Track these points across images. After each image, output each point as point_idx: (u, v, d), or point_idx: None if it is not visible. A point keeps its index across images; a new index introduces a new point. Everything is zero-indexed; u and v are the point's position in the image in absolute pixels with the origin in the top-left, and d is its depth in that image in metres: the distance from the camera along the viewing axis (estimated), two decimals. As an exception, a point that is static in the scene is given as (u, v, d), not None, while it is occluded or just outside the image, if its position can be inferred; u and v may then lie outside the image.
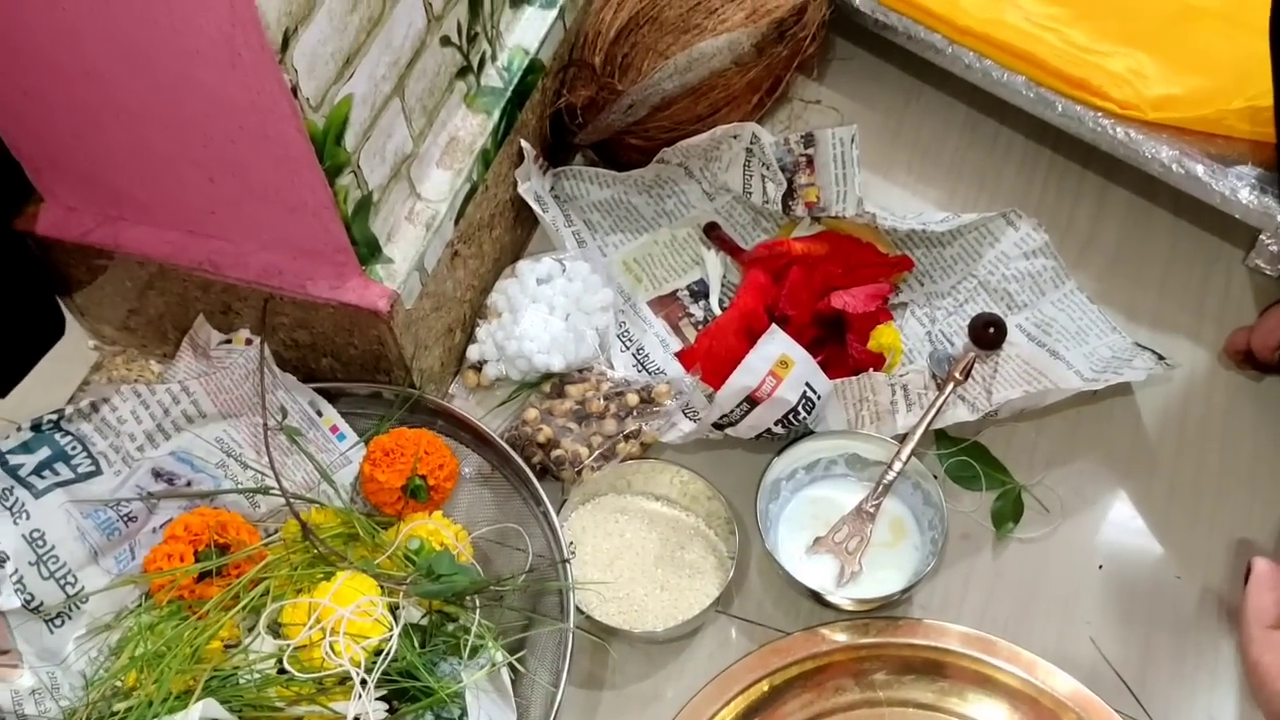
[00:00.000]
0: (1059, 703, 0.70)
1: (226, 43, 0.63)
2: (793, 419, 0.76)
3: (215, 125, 0.69)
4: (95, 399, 0.72)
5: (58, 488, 0.69)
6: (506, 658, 0.69)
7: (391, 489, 0.75)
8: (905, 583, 0.73)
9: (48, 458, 0.69)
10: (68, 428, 0.71)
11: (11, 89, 0.73)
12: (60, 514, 0.68)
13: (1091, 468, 0.82)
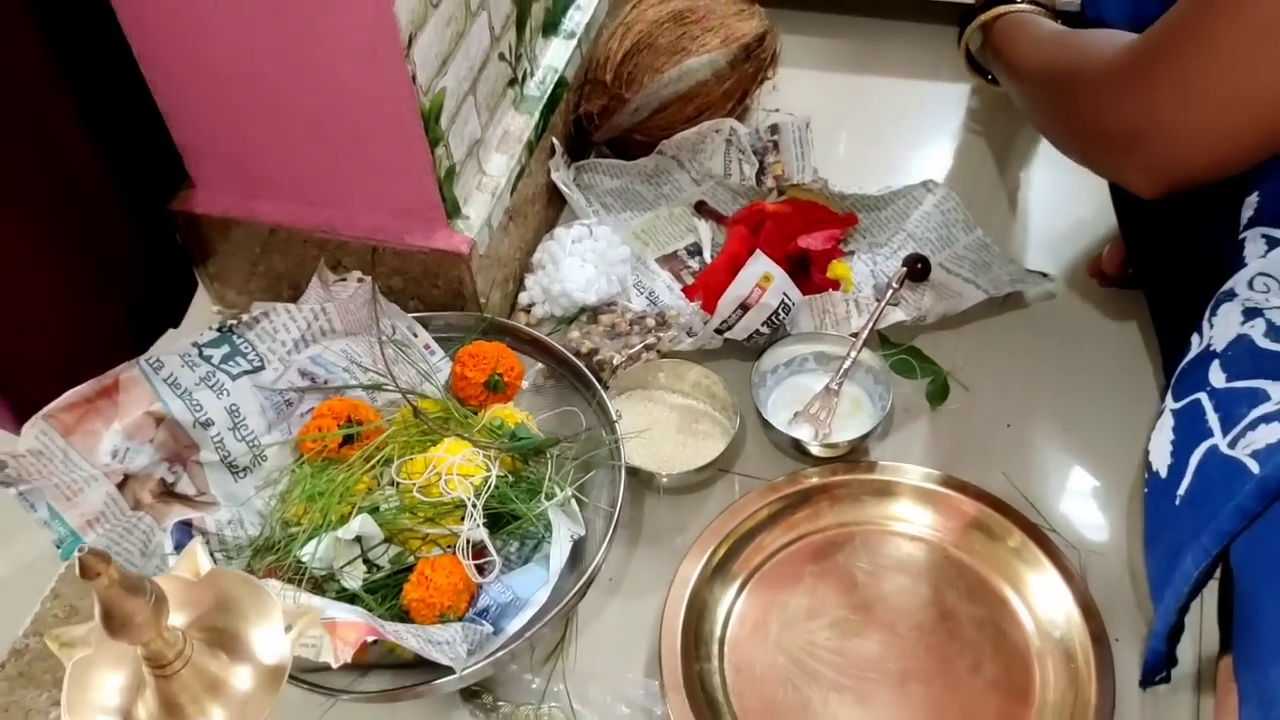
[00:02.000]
0: (980, 508, 0.94)
1: (369, 44, 0.87)
2: (774, 319, 1.00)
3: (348, 111, 0.93)
4: (258, 313, 0.95)
5: (243, 375, 0.92)
6: (573, 491, 0.92)
7: (476, 384, 0.98)
8: (863, 431, 0.98)
9: (228, 353, 0.92)
10: (240, 333, 0.94)
11: (188, 95, 0.97)
12: (250, 393, 0.91)
13: (999, 359, 1.07)
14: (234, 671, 0.60)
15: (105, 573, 0.52)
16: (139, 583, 0.54)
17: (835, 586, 0.93)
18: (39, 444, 0.86)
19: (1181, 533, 0.79)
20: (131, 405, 0.88)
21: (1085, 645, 0.87)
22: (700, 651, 0.90)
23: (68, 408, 0.87)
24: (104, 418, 0.88)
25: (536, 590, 0.86)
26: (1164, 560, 0.83)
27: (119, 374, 0.89)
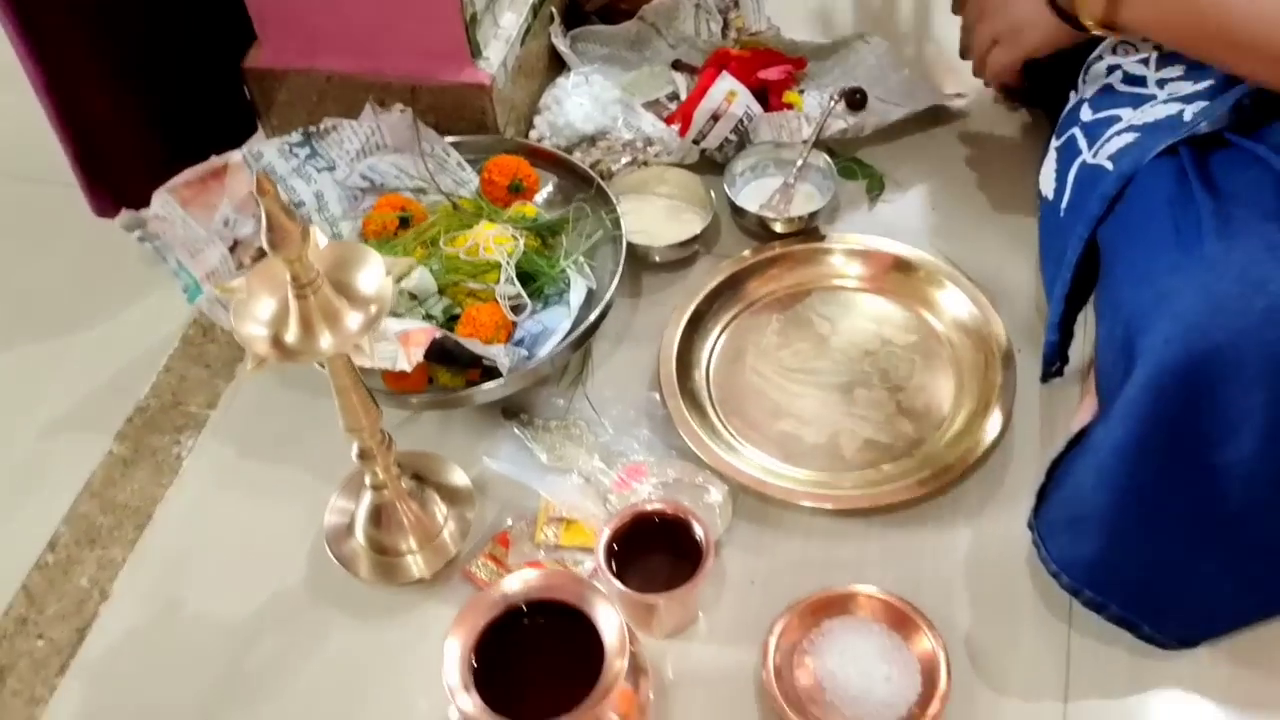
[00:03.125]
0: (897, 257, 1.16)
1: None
2: (740, 127, 1.23)
3: (392, -35, 1.15)
4: (329, 125, 1.17)
5: (324, 171, 1.14)
6: (583, 256, 1.14)
7: (501, 187, 1.20)
8: (816, 208, 1.20)
9: (310, 154, 1.14)
10: (318, 139, 1.15)
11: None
12: (330, 184, 1.13)
13: (926, 164, 1.29)
14: (349, 309, 0.82)
15: (272, 191, 0.74)
16: (292, 209, 0.76)
17: (796, 326, 1.15)
18: (164, 211, 1.08)
19: (1066, 236, 1.01)
20: (237, 186, 1.10)
21: (990, 339, 1.09)
22: (692, 373, 1.12)
23: (185, 185, 1.09)
24: (215, 194, 1.10)
25: (561, 322, 1.08)
26: (1053, 265, 1.05)
27: (226, 160, 1.11)
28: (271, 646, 0.98)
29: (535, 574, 0.85)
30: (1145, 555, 0.89)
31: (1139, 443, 0.85)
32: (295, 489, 1.07)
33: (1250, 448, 0.83)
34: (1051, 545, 0.92)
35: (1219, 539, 0.88)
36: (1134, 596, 0.90)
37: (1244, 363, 0.81)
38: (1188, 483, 0.86)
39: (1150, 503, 0.87)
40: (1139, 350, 0.85)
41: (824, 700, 0.91)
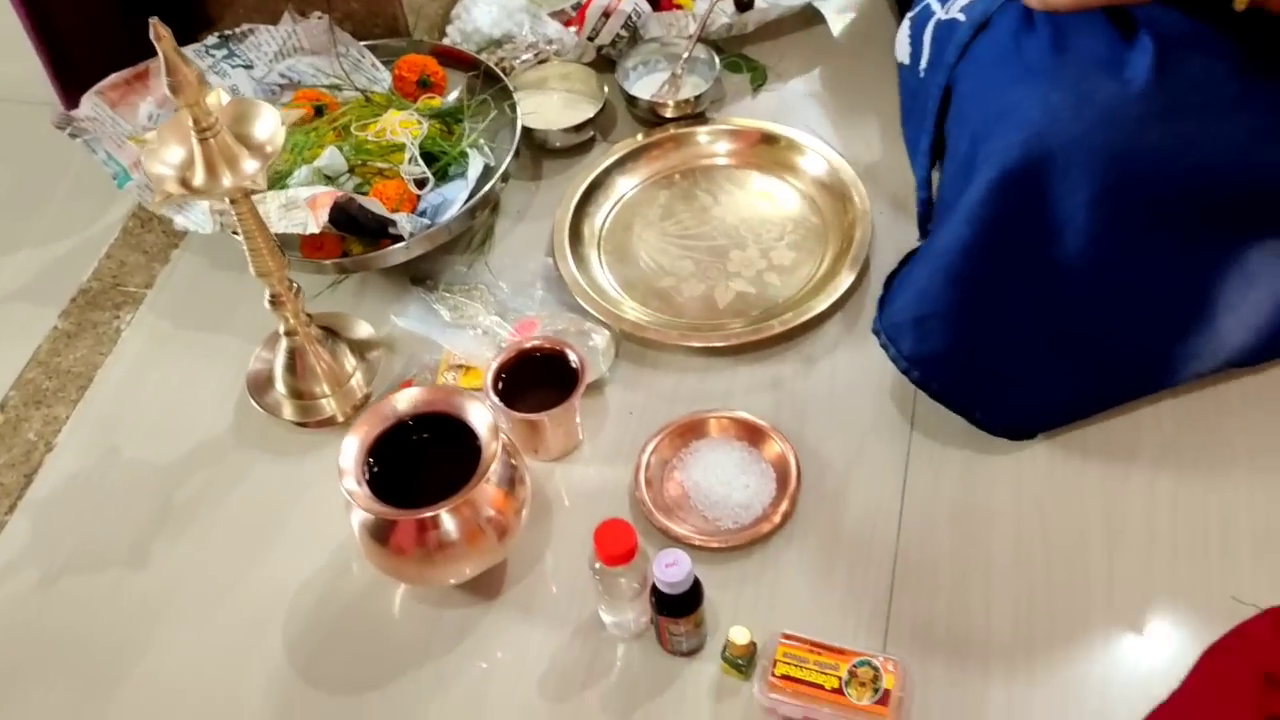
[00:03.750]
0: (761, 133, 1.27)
1: None
2: (630, 22, 1.33)
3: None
4: (246, 28, 1.26)
5: (239, 68, 1.24)
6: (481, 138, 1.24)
7: (411, 82, 1.30)
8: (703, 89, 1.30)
9: (227, 54, 1.24)
10: (235, 41, 1.25)
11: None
12: (245, 80, 1.23)
13: (806, 59, 1.39)
14: (247, 154, 0.92)
15: (166, 36, 0.84)
16: (188, 57, 0.86)
17: (680, 199, 1.26)
18: (93, 112, 1.17)
19: (926, 91, 1.11)
20: (159, 86, 1.19)
21: (850, 201, 1.20)
22: (584, 241, 1.22)
23: (111, 87, 1.19)
24: (139, 94, 1.20)
25: (460, 193, 1.18)
26: (915, 125, 1.15)
27: (148, 65, 1.21)
28: (199, 483, 1.09)
29: (419, 390, 0.95)
30: (988, 348, 0.99)
31: (982, 240, 0.95)
32: (224, 352, 1.18)
33: (1074, 244, 0.94)
34: (902, 344, 1.01)
35: (1045, 332, 0.98)
36: (977, 387, 1.00)
37: (1072, 164, 0.91)
38: (1025, 278, 0.96)
39: (992, 297, 0.97)
40: (981, 159, 0.96)
41: (689, 506, 1.02)
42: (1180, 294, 0.98)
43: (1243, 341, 1.02)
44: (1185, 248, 0.95)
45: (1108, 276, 0.96)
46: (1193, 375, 1.03)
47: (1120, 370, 1.02)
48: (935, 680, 0.90)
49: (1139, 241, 0.93)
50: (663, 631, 0.92)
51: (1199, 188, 0.91)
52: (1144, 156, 0.90)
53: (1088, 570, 0.95)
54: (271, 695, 0.95)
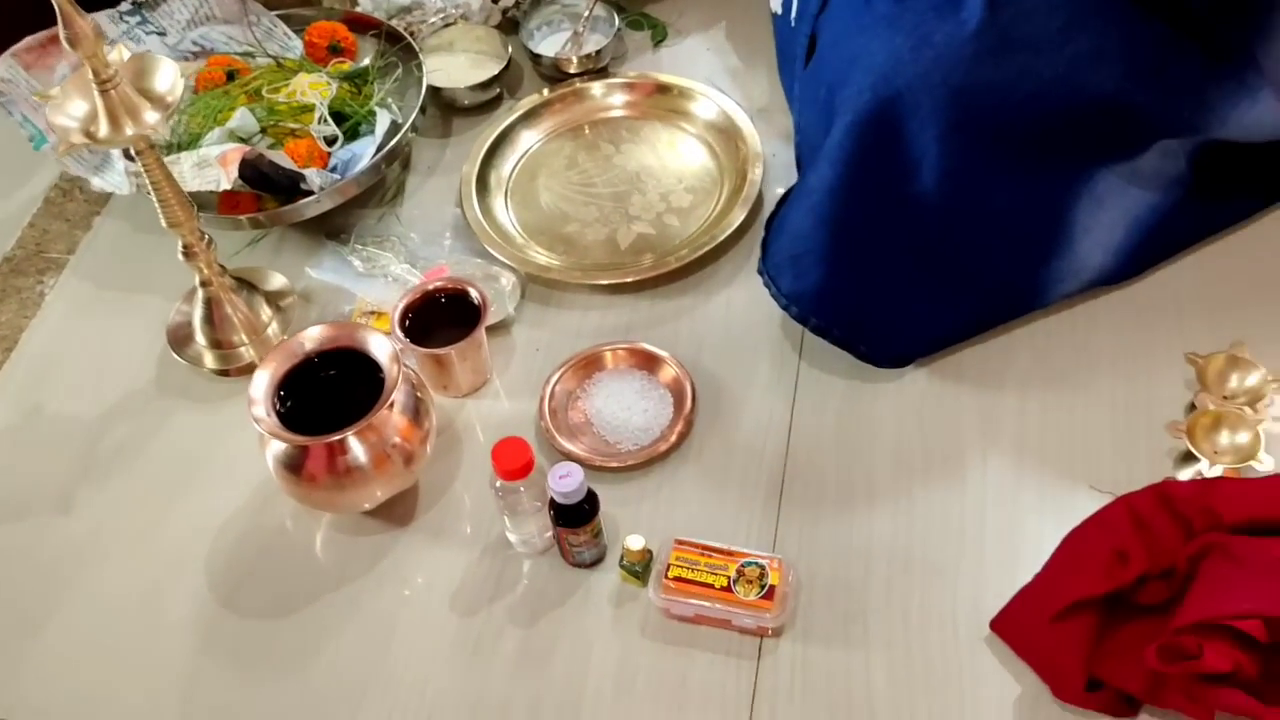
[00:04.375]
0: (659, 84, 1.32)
1: None
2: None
3: None
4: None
5: (152, 35, 1.27)
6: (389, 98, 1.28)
7: (321, 48, 1.33)
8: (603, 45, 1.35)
9: (140, 20, 1.28)
10: (148, 9, 1.28)
11: None
12: (158, 46, 1.26)
13: (703, 14, 1.44)
14: (148, 106, 0.96)
15: (71, 8, 0.87)
16: (86, 16, 0.89)
17: (584, 150, 1.30)
18: (8, 74, 1.20)
19: (796, 41, 1.17)
20: (72, 52, 1.23)
21: (742, 143, 1.25)
22: (491, 192, 1.26)
23: (26, 50, 1.22)
24: (53, 57, 1.23)
25: (368, 149, 1.22)
26: (789, 74, 1.20)
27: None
28: (123, 434, 1.12)
29: (324, 325, 0.99)
30: (858, 282, 1.04)
31: (844, 180, 1.00)
32: (146, 310, 1.21)
33: (930, 179, 0.99)
34: (781, 282, 1.06)
35: (916, 265, 1.03)
36: (853, 321, 1.05)
37: (919, 104, 0.96)
38: (889, 214, 1.01)
39: (858, 234, 1.02)
40: (838, 104, 1.01)
41: (592, 431, 1.07)
42: (1037, 221, 1.04)
43: (1101, 262, 1.08)
44: (1035, 176, 1.01)
45: (966, 208, 1.01)
46: (1059, 297, 1.08)
47: (990, 296, 1.07)
48: (820, 576, 0.95)
49: (990, 172, 0.99)
50: (563, 543, 0.97)
51: (1037, 116, 0.97)
52: (982, 90, 0.95)
53: (964, 473, 1.01)
54: (198, 623, 0.99)
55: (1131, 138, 1.02)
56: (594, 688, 0.92)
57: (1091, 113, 0.98)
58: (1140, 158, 1.03)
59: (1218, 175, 1.09)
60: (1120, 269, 1.09)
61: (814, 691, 0.90)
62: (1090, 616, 0.87)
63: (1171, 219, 1.09)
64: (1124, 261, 1.08)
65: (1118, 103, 0.98)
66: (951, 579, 0.95)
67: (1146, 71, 0.98)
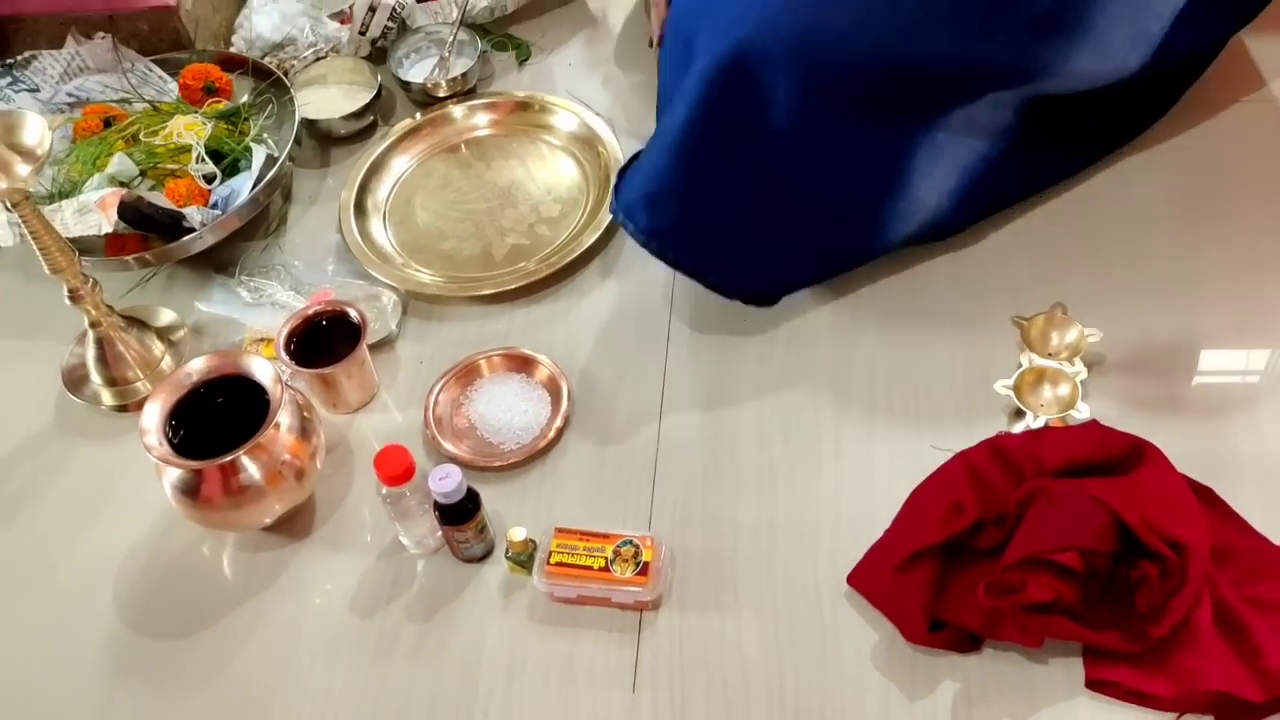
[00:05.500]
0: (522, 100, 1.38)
1: None
2: (395, 14, 1.42)
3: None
4: (28, 55, 1.32)
5: (24, 92, 1.30)
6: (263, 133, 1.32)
7: (197, 89, 1.37)
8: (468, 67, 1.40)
9: (11, 81, 1.30)
10: (18, 68, 1.31)
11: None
12: (32, 103, 1.29)
13: (564, 34, 1.50)
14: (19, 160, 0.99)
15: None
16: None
17: (456, 168, 1.35)
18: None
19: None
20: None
21: (602, 151, 1.31)
22: (369, 216, 1.31)
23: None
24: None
25: (246, 184, 1.26)
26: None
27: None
28: (25, 475, 1.15)
29: (207, 355, 1.03)
30: (716, 218, 1.10)
31: (699, 120, 1.05)
32: (40, 356, 1.23)
33: (780, 121, 1.05)
34: (638, 219, 1.10)
35: (767, 201, 1.09)
36: (711, 253, 1.11)
37: (768, 50, 1.02)
38: (741, 154, 1.07)
39: (715, 172, 1.07)
40: (696, 51, 1.06)
41: (476, 435, 1.12)
42: (878, 165, 1.10)
43: (937, 204, 1.14)
44: (877, 123, 1.07)
45: (812, 150, 1.07)
46: (901, 237, 1.15)
47: (837, 234, 1.13)
48: (693, 549, 1.02)
49: (835, 120, 1.05)
50: (451, 541, 1.02)
51: (876, 66, 1.03)
52: (826, 40, 1.01)
53: (819, 441, 1.08)
54: (109, 650, 1.02)
55: (964, 87, 1.09)
56: (487, 674, 0.97)
57: (927, 64, 1.04)
58: (972, 106, 1.10)
59: (1044, 128, 1.16)
60: (954, 214, 1.16)
61: (692, 657, 0.96)
62: (931, 564, 0.94)
63: (1001, 168, 1.16)
64: (957, 206, 1.15)
65: (950, 55, 1.05)
66: (812, 541, 1.01)
67: (975, 28, 1.05)
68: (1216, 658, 0.89)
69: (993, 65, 1.08)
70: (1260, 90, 1.32)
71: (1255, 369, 1.09)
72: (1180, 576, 0.90)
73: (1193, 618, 0.90)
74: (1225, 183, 1.23)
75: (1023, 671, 0.92)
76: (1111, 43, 1.09)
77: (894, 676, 0.93)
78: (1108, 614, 0.91)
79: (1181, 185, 1.23)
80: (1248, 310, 1.12)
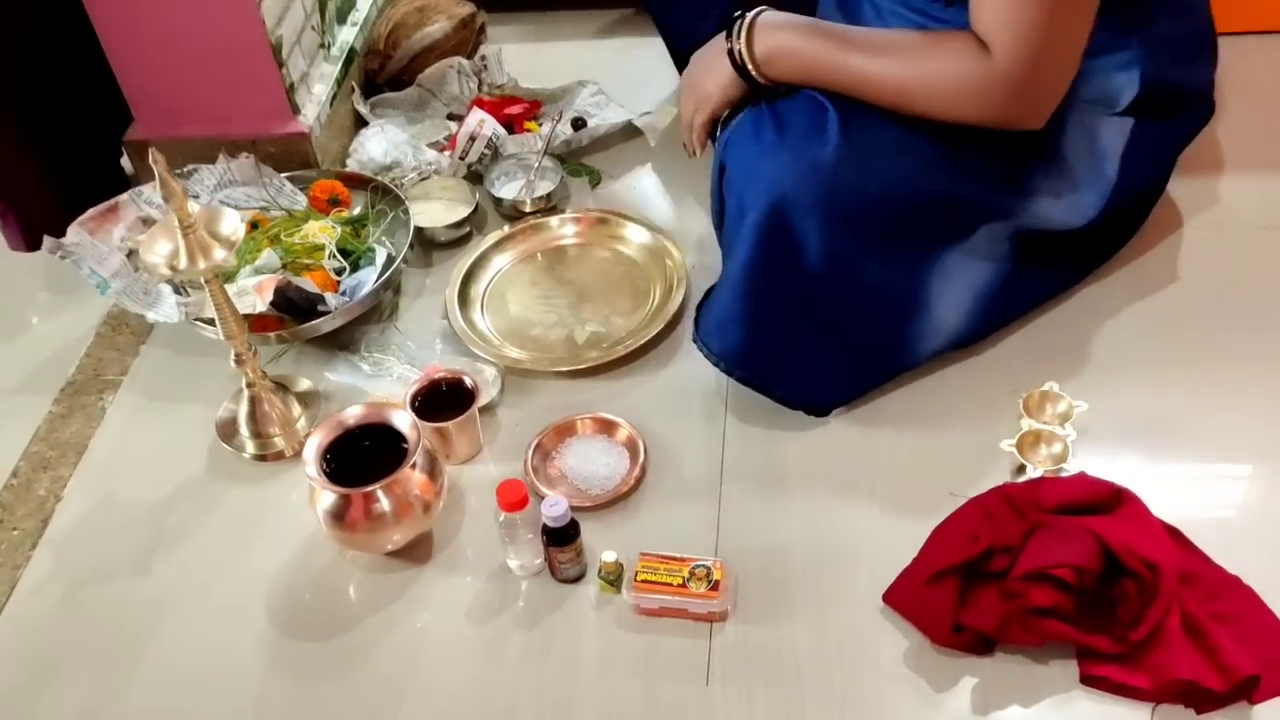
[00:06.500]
0: (601, 214, 1.63)
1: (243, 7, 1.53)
2: (491, 143, 1.68)
3: (232, 53, 1.58)
4: (190, 168, 1.57)
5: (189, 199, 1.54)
6: (383, 237, 1.56)
7: (323, 201, 1.62)
8: (552, 188, 1.65)
9: (179, 186, 1.55)
10: (181, 179, 1.56)
11: (133, 59, 1.60)
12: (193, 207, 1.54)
13: (632, 162, 1.76)
14: (216, 245, 1.22)
15: (161, 161, 1.15)
16: (178, 181, 1.16)
17: (542, 270, 1.60)
18: (77, 237, 1.47)
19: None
20: (127, 215, 1.50)
21: (668, 256, 1.56)
22: (470, 307, 1.54)
23: (90, 219, 1.48)
24: (111, 223, 1.50)
25: (370, 277, 1.50)
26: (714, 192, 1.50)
27: (116, 200, 1.51)
28: (184, 512, 1.35)
29: (360, 406, 1.25)
30: (769, 341, 1.33)
31: (753, 263, 1.29)
32: (190, 415, 1.45)
33: (816, 260, 1.28)
34: (711, 345, 1.34)
35: (817, 328, 1.32)
36: (771, 371, 1.34)
37: (801, 202, 1.26)
38: (787, 288, 1.30)
39: (766, 304, 1.31)
40: (745, 208, 1.30)
41: (567, 482, 1.33)
42: (900, 291, 1.34)
43: (956, 323, 1.38)
44: (896, 256, 1.31)
45: (845, 282, 1.31)
46: (926, 354, 1.38)
47: (875, 353, 1.36)
48: (753, 574, 1.22)
49: (859, 254, 1.29)
50: (553, 562, 1.22)
51: (888, 208, 1.27)
52: (845, 190, 1.26)
53: (856, 489, 1.29)
54: (262, 651, 1.21)
55: (964, 223, 1.33)
56: (585, 670, 1.16)
57: (929, 205, 1.29)
58: (973, 238, 1.34)
59: (1035, 255, 1.40)
60: (971, 329, 1.39)
61: (754, 658, 1.15)
62: (952, 581, 1.14)
63: (1004, 288, 1.39)
64: (974, 323, 1.38)
65: (948, 197, 1.30)
66: (852, 567, 1.21)
67: (965, 175, 1.30)
68: (1184, 655, 1.09)
69: (979, 204, 1.33)
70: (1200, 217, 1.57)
71: (1211, 433, 1.31)
72: (1154, 592, 1.10)
73: (1164, 625, 1.10)
74: (1181, 291, 1.47)
75: (1028, 669, 1.12)
76: (1074, 191, 1.35)
77: (923, 673, 1.13)
78: (1096, 622, 1.11)
79: (1147, 291, 1.48)
80: (1203, 389, 1.35)
